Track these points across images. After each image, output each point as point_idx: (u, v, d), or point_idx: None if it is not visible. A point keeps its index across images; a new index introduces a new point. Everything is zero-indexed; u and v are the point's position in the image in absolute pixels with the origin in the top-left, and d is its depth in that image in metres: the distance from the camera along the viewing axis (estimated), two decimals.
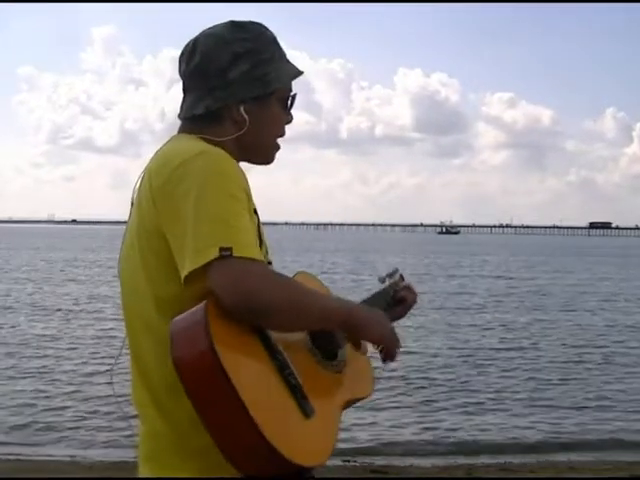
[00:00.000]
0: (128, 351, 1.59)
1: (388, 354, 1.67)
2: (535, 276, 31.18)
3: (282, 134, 1.69)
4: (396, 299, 1.93)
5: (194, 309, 1.37)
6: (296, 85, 1.68)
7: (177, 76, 1.67)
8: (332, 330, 1.59)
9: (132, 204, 1.60)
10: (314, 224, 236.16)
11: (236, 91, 1.58)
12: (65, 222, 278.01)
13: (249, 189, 1.51)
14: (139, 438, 1.57)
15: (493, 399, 9.36)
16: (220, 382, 1.29)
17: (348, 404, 1.64)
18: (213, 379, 1.29)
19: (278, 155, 1.72)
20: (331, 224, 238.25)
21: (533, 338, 14.43)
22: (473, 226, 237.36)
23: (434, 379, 10.43)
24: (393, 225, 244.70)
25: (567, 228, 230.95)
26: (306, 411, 1.41)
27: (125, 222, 1.62)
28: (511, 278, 29.86)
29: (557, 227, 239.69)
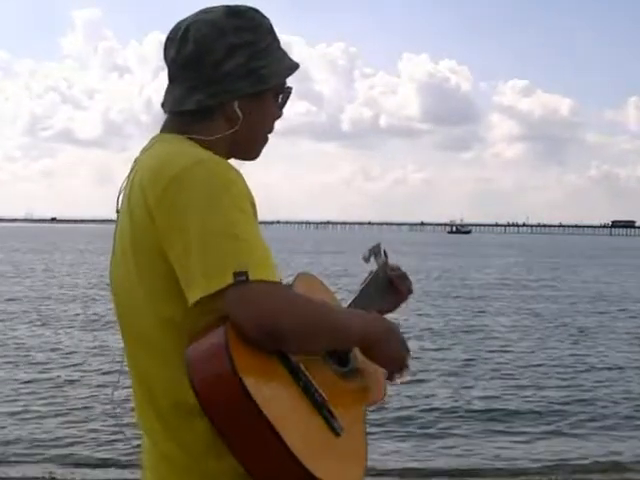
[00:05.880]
0: (127, 368, 1.59)
1: (391, 375, 1.67)
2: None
3: (271, 130, 1.69)
4: (392, 285, 1.89)
5: (211, 334, 1.38)
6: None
7: (164, 63, 1.64)
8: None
9: (117, 212, 1.59)
10: (314, 223, 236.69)
11: (231, 86, 1.57)
12: (44, 220, 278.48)
13: (254, 200, 1.50)
14: (146, 462, 1.58)
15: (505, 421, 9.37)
16: (248, 409, 1.31)
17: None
18: (240, 407, 1.31)
19: (274, 149, 1.73)
20: (331, 223, 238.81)
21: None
22: (485, 225, 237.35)
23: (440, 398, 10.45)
24: (400, 224, 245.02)
25: (587, 227, 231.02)
26: (335, 429, 1.44)
27: (109, 220, 1.60)
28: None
29: (577, 226, 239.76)
